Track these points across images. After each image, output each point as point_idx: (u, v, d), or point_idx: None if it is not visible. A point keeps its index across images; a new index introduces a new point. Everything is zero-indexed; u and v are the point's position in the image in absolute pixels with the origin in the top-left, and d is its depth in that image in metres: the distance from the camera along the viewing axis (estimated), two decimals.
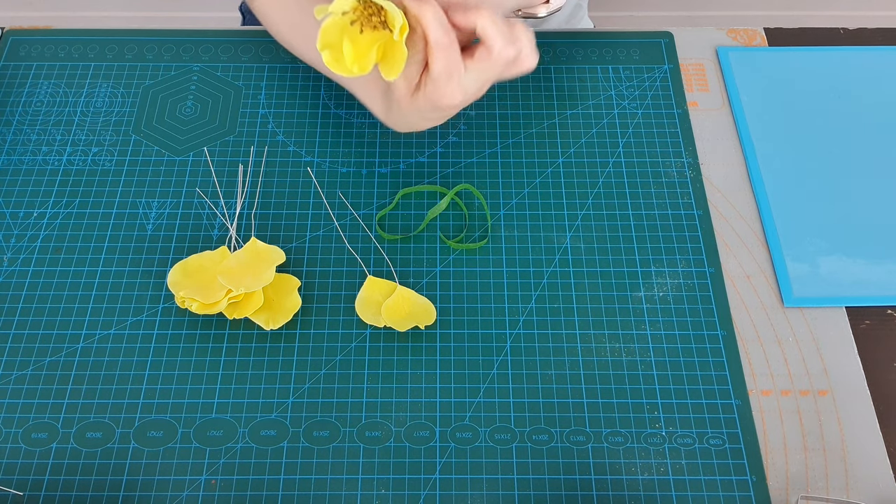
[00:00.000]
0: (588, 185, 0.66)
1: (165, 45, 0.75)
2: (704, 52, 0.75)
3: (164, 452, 0.54)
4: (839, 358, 0.59)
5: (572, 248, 0.63)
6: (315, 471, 0.54)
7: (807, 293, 0.61)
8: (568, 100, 0.71)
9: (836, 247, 0.63)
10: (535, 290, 0.61)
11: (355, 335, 0.59)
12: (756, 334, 0.60)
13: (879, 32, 0.76)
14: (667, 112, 0.70)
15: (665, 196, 0.66)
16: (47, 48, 0.74)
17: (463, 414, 0.56)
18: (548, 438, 0.55)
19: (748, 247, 0.64)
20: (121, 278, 0.61)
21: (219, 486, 0.53)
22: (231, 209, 0.65)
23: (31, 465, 0.54)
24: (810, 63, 0.74)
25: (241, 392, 0.57)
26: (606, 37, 0.76)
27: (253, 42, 0.75)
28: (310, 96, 0.71)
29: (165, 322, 0.59)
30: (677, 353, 0.58)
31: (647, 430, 0.55)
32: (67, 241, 0.63)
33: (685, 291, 0.61)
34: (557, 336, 0.59)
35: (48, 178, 0.66)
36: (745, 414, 0.56)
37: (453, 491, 0.53)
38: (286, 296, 0.60)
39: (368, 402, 0.56)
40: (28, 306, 0.60)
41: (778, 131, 0.70)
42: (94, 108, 0.70)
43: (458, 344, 0.59)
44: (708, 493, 0.53)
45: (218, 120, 0.70)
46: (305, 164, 0.67)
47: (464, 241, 0.64)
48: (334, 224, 0.64)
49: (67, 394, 0.56)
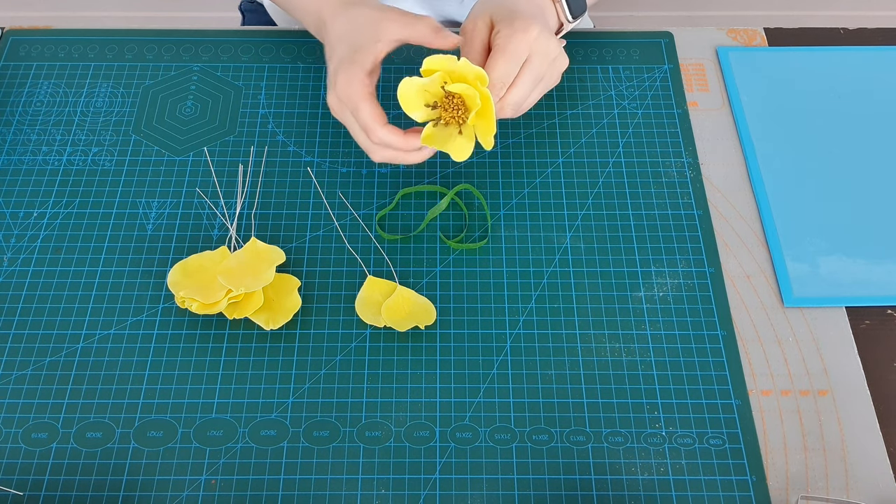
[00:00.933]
0: (588, 185, 0.66)
1: (165, 45, 0.75)
2: (704, 52, 0.75)
3: (164, 452, 0.54)
4: (839, 358, 0.59)
5: (572, 248, 0.63)
6: (315, 471, 0.54)
7: (807, 293, 0.61)
8: (568, 100, 0.71)
9: (836, 247, 0.63)
10: (535, 290, 0.61)
11: (355, 335, 0.59)
12: (756, 334, 0.60)
13: (879, 32, 0.76)
14: (667, 112, 0.70)
15: (665, 196, 0.66)
16: (47, 48, 0.74)
17: (463, 414, 0.56)
18: (548, 438, 0.55)
19: (748, 247, 0.64)
20: (121, 278, 0.61)
21: (219, 486, 0.53)
22: (231, 209, 0.65)
23: (31, 465, 0.54)
24: (810, 63, 0.74)
25: (241, 392, 0.57)
26: (606, 37, 0.76)
27: (253, 42, 0.75)
28: (310, 96, 0.71)
29: (165, 322, 0.59)
30: (677, 353, 0.58)
31: (647, 430, 0.55)
32: (67, 241, 0.63)
33: (685, 291, 0.61)
34: (557, 336, 0.59)
35: (48, 178, 0.66)
36: (745, 414, 0.56)
37: (453, 491, 0.53)
38: (286, 296, 0.60)
39: (368, 402, 0.56)
40: (28, 306, 0.60)
41: (778, 131, 0.70)
42: (94, 108, 0.70)
43: (458, 344, 0.59)
44: (708, 493, 0.53)
45: (218, 120, 0.70)
46: (305, 164, 0.67)
47: (464, 241, 0.64)
48: (334, 224, 0.64)
49: (67, 394, 0.56)
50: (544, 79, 0.61)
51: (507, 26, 0.58)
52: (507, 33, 0.57)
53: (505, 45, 0.57)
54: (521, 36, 0.57)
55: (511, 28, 0.57)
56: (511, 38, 0.57)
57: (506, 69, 0.57)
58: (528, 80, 0.59)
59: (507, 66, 0.57)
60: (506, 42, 0.57)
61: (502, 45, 0.57)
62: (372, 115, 0.57)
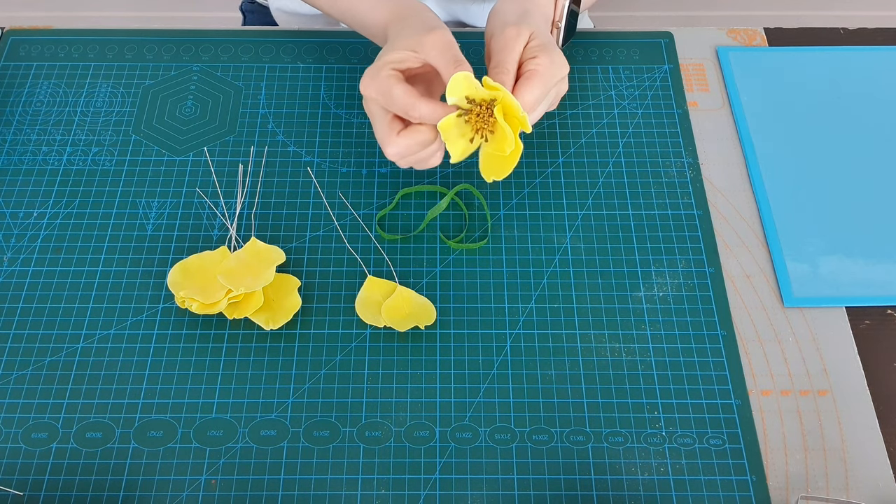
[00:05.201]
0: (588, 185, 0.66)
1: (165, 45, 0.75)
2: (704, 52, 0.75)
3: (164, 452, 0.54)
4: (839, 358, 0.59)
5: (572, 248, 0.63)
6: (315, 471, 0.54)
7: (807, 293, 0.61)
8: (568, 100, 0.71)
9: (836, 247, 0.63)
10: (535, 290, 0.61)
11: (355, 335, 0.59)
12: (756, 334, 0.60)
13: (879, 32, 0.76)
14: (667, 112, 0.70)
15: (665, 196, 0.66)
16: (47, 48, 0.74)
17: (463, 414, 0.56)
18: (548, 438, 0.55)
19: (748, 247, 0.64)
20: (121, 278, 0.61)
21: (219, 486, 0.53)
22: (231, 209, 0.65)
23: (31, 465, 0.54)
24: (810, 63, 0.74)
25: (241, 392, 0.57)
26: (606, 37, 0.76)
27: (253, 42, 0.75)
28: (310, 96, 0.71)
29: (165, 322, 0.59)
30: (677, 353, 0.58)
31: (647, 430, 0.55)
32: (67, 241, 0.63)
33: (685, 291, 0.61)
34: (557, 336, 0.59)
35: (48, 178, 0.66)
36: (744, 414, 0.56)
37: (453, 491, 0.53)
38: (286, 296, 0.60)
39: (368, 402, 0.56)
40: (28, 306, 0.60)
41: (778, 131, 0.70)
42: (94, 108, 0.70)
43: (458, 344, 0.59)
44: (708, 493, 0.53)
45: (218, 120, 0.70)
46: (305, 164, 0.67)
47: (464, 241, 0.64)
48: (334, 224, 0.64)
49: (67, 394, 0.56)
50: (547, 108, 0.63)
51: (545, 54, 0.58)
52: (547, 63, 0.58)
53: (543, 75, 0.58)
54: (558, 72, 0.59)
55: (550, 59, 0.58)
56: (550, 69, 0.58)
57: (538, 97, 0.58)
58: (540, 111, 0.61)
59: (539, 94, 0.58)
60: (545, 71, 0.58)
61: (542, 72, 0.58)
62: (407, 92, 0.56)
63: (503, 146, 0.56)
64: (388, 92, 0.56)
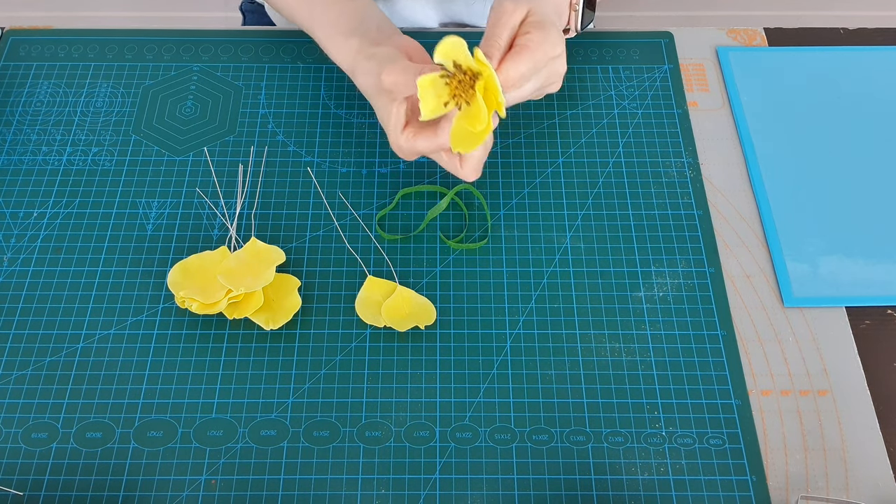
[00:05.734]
0: (588, 185, 0.66)
1: (165, 45, 0.75)
2: (704, 52, 0.75)
3: (164, 452, 0.54)
4: (839, 358, 0.59)
5: (572, 248, 0.63)
6: (315, 471, 0.54)
7: (807, 293, 0.61)
8: (568, 100, 0.71)
9: (836, 247, 0.63)
10: (535, 290, 0.61)
11: (355, 335, 0.59)
12: (756, 334, 0.60)
13: (879, 32, 0.76)
14: (667, 112, 0.70)
15: (665, 196, 0.66)
16: (47, 48, 0.74)
17: (463, 414, 0.56)
18: (548, 438, 0.55)
19: (748, 247, 0.64)
20: (121, 278, 0.61)
21: (219, 486, 0.53)
22: (231, 209, 0.65)
23: (31, 465, 0.54)
24: (810, 63, 0.74)
25: (241, 392, 0.57)
26: (606, 37, 0.76)
27: (253, 42, 0.75)
28: (310, 96, 0.71)
29: (165, 322, 0.59)
30: (677, 353, 0.58)
31: (647, 430, 0.55)
32: (67, 241, 0.63)
33: (685, 291, 0.61)
34: (557, 336, 0.59)
35: (48, 178, 0.66)
36: (744, 414, 0.56)
37: (453, 491, 0.53)
38: (286, 296, 0.60)
39: (368, 402, 0.56)
40: (28, 306, 0.60)
41: (778, 131, 0.70)
42: (94, 108, 0.70)
43: (458, 344, 0.59)
44: (708, 493, 0.53)
45: (218, 120, 0.70)
46: (305, 164, 0.67)
47: (464, 241, 0.64)
48: (334, 224, 0.64)
49: (67, 394, 0.56)
50: (541, 88, 0.62)
51: (539, 30, 0.58)
52: (539, 39, 0.57)
53: (534, 51, 0.57)
54: (550, 49, 0.58)
55: (543, 35, 0.58)
56: (541, 46, 0.57)
57: (524, 73, 0.57)
58: (530, 88, 0.59)
59: (527, 70, 0.57)
60: (536, 47, 0.57)
61: (532, 48, 0.57)
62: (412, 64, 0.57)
63: (475, 122, 0.55)
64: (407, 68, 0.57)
